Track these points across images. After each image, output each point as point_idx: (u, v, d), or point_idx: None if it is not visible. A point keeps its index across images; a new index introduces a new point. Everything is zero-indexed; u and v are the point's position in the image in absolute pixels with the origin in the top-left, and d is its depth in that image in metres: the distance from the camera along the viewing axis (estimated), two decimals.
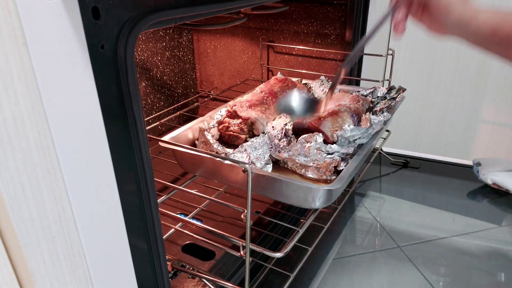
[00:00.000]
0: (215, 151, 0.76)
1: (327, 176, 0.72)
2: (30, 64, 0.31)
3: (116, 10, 0.37)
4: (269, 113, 0.87)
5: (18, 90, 0.30)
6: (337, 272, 0.86)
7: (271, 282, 0.79)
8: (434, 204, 1.09)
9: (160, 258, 0.50)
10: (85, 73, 0.35)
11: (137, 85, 0.41)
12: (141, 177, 0.44)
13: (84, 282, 0.40)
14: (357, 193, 1.14)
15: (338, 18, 1.19)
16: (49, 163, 0.34)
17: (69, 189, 0.36)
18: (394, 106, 0.92)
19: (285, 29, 1.29)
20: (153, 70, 1.30)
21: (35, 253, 0.34)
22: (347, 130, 0.76)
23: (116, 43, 0.38)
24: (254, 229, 0.88)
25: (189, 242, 0.84)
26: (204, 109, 1.45)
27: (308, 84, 1.07)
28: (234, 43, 1.40)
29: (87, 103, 0.36)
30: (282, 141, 0.78)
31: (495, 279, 0.84)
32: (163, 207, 0.78)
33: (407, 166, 1.25)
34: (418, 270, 0.86)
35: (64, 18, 0.32)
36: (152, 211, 0.47)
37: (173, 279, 0.76)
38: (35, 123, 0.32)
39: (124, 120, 0.41)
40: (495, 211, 1.06)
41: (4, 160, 0.30)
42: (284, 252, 0.63)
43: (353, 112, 0.86)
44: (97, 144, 0.38)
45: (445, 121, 1.24)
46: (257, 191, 0.69)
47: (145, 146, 0.43)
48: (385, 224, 1.01)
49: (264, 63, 1.36)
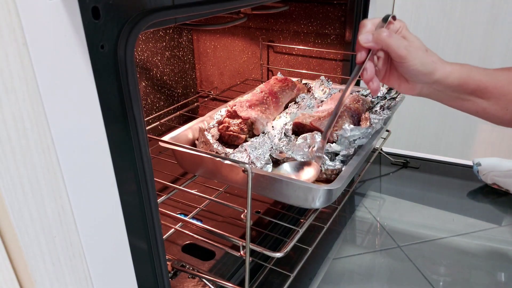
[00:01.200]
0: (215, 151, 0.76)
1: (327, 176, 0.72)
2: (30, 64, 0.31)
3: (116, 10, 0.37)
4: (269, 113, 0.87)
5: (18, 90, 0.30)
6: (337, 272, 0.86)
7: (271, 282, 0.79)
8: (434, 204, 1.09)
9: (160, 258, 0.50)
10: (85, 73, 0.35)
11: (137, 85, 0.41)
12: (141, 177, 0.44)
13: (84, 282, 0.40)
14: (357, 193, 1.14)
15: (338, 18, 1.19)
16: (49, 163, 0.34)
17: (69, 189, 0.36)
18: (394, 106, 0.92)
19: (285, 29, 1.29)
20: (153, 70, 1.30)
21: (35, 253, 0.34)
22: (347, 130, 0.76)
23: (116, 43, 0.38)
24: (254, 229, 0.88)
25: (189, 242, 0.84)
26: (204, 109, 1.45)
27: (308, 84, 1.07)
28: (234, 43, 1.40)
29: (87, 103, 0.36)
30: (282, 141, 0.78)
31: (495, 279, 0.84)
32: (163, 207, 0.78)
33: (407, 166, 1.25)
34: (418, 270, 0.86)
35: (64, 18, 0.32)
36: (152, 211, 0.47)
37: (173, 279, 0.76)
38: (35, 123, 0.32)
39: (124, 120, 0.41)
40: (495, 211, 1.06)
41: (4, 160, 0.30)
42: (284, 252, 0.63)
43: (353, 112, 0.86)
44: (97, 144, 0.38)
45: (445, 121, 1.24)
46: (257, 191, 0.69)
47: (145, 146, 0.43)
48: (385, 224, 1.01)
49: (264, 63, 1.36)
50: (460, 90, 0.55)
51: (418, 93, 0.58)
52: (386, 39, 0.53)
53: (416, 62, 0.53)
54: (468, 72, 0.55)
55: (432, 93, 0.57)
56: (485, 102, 0.56)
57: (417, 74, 0.54)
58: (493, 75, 0.55)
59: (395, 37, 0.53)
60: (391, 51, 0.53)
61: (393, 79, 0.58)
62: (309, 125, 0.81)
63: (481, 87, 0.54)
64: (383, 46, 0.54)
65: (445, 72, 0.54)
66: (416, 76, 0.55)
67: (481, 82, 0.54)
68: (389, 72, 0.58)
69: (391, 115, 0.89)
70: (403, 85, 0.58)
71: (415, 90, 0.57)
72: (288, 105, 0.97)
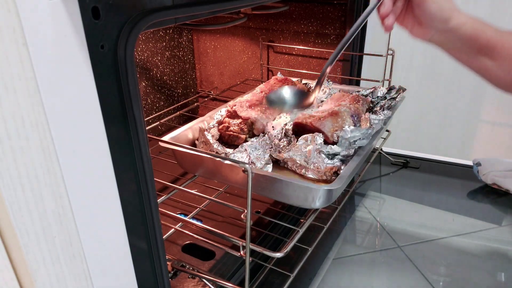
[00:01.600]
0: (215, 151, 0.76)
1: (327, 176, 0.72)
2: (30, 64, 0.31)
3: (116, 10, 0.37)
4: (269, 113, 0.87)
5: (18, 90, 0.30)
6: (337, 272, 0.86)
7: (271, 282, 0.79)
8: (434, 204, 1.09)
9: (160, 258, 0.50)
10: (85, 73, 0.35)
11: (137, 85, 0.41)
12: (141, 177, 0.44)
13: (84, 282, 0.40)
14: (357, 193, 1.14)
15: (338, 18, 1.19)
16: (49, 163, 0.34)
17: (69, 189, 0.36)
18: (394, 106, 0.92)
19: (285, 29, 1.29)
20: (153, 70, 1.30)
21: (35, 253, 0.34)
22: (347, 131, 0.76)
23: (116, 43, 0.38)
24: (254, 229, 0.88)
25: (189, 242, 0.84)
26: (204, 109, 1.45)
27: (308, 84, 1.07)
28: (234, 43, 1.40)
29: (87, 103, 0.36)
30: (282, 141, 0.78)
31: (495, 279, 0.84)
32: (163, 207, 0.78)
33: (407, 166, 1.25)
34: (418, 270, 0.86)
35: (64, 18, 0.32)
36: (152, 211, 0.47)
37: (173, 279, 0.76)
38: (35, 123, 0.32)
39: (124, 120, 0.41)
40: (495, 211, 1.06)
41: (4, 160, 0.30)
42: (284, 252, 0.63)
43: (353, 112, 0.86)
44: (97, 144, 0.38)
45: (445, 121, 1.25)
46: (257, 191, 0.69)
47: (145, 146, 0.43)
48: (385, 224, 1.01)
49: (264, 63, 1.36)
50: (470, 44, 0.56)
51: (429, 39, 0.58)
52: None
53: (435, 6, 0.53)
54: (482, 26, 0.55)
55: (443, 42, 0.57)
56: (489, 61, 0.56)
57: (433, 18, 0.54)
58: (504, 36, 0.55)
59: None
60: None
61: (408, 20, 0.58)
62: (309, 125, 0.81)
63: (490, 45, 0.54)
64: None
65: (460, 21, 0.54)
66: (432, 21, 0.55)
67: (491, 39, 0.54)
68: (406, 12, 0.58)
69: (391, 115, 0.89)
70: (416, 28, 0.58)
71: (427, 35, 0.57)
72: None
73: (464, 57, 0.58)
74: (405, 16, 0.58)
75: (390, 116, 0.89)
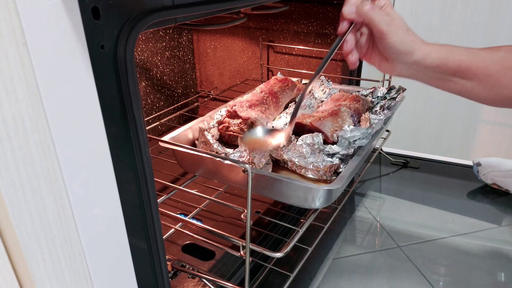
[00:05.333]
0: (215, 151, 0.76)
1: (327, 176, 0.72)
2: (30, 64, 0.31)
3: (116, 10, 0.37)
4: (269, 113, 0.87)
5: (18, 90, 0.30)
6: (337, 272, 0.86)
7: (271, 282, 0.79)
8: (434, 204, 1.09)
9: (160, 258, 0.50)
10: (85, 73, 0.35)
11: (137, 85, 0.41)
12: (141, 177, 0.44)
13: (84, 282, 0.40)
14: (357, 193, 1.14)
15: (338, 18, 1.19)
16: (49, 163, 0.34)
17: (69, 189, 0.36)
18: (394, 106, 0.92)
19: (285, 29, 1.29)
20: (153, 70, 1.30)
21: (35, 253, 0.34)
22: (347, 131, 0.76)
23: (116, 43, 0.38)
24: (254, 229, 0.88)
25: (189, 242, 0.84)
26: (204, 109, 1.45)
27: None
28: (234, 43, 1.40)
29: (87, 103, 0.36)
30: None
31: (495, 279, 0.84)
32: (163, 207, 0.78)
33: (407, 166, 1.25)
34: (418, 270, 0.86)
35: (64, 18, 0.32)
36: (152, 211, 0.47)
37: (173, 279, 0.76)
38: (35, 123, 0.32)
39: (124, 120, 0.41)
40: (495, 211, 1.06)
41: (4, 160, 0.30)
42: (284, 252, 0.63)
43: (353, 112, 0.86)
44: (97, 144, 0.38)
45: (445, 121, 1.24)
46: (257, 191, 0.69)
47: (145, 146, 0.43)
48: (385, 224, 1.01)
49: (264, 63, 1.36)
50: (440, 71, 0.55)
51: (398, 73, 0.58)
52: (368, 12, 0.53)
53: (396, 40, 0.53)
54: (448, 52, 0.54)
55: (413, 74, 0.57)
56: (468, 82, 0.55)
57: (396, 52, 0.54)
58: (477, 55, 0.54)
59: (377, 12, 0.53)
60: (372, 26, 0.54)
61: (375, 57, 0.58)
62: (309, 125, 0.81)
63: (463, 68, 0.54)
64: (365, 19, 0.54)
65: (423, 53, 0.54)
66: (395, 54, 0.55)
67: (462, 62, 0.54)
68: (371, 49, 0.58)
69: (391, 115, 0.89)
70: (384, 64, 0.58)
71: (395, 70, 0.57)
72: (288, 105, 0.97)
73: (440, 84, 0.58)
74: (371, 52, 0.58)
75: (390, 116, 0.89)
